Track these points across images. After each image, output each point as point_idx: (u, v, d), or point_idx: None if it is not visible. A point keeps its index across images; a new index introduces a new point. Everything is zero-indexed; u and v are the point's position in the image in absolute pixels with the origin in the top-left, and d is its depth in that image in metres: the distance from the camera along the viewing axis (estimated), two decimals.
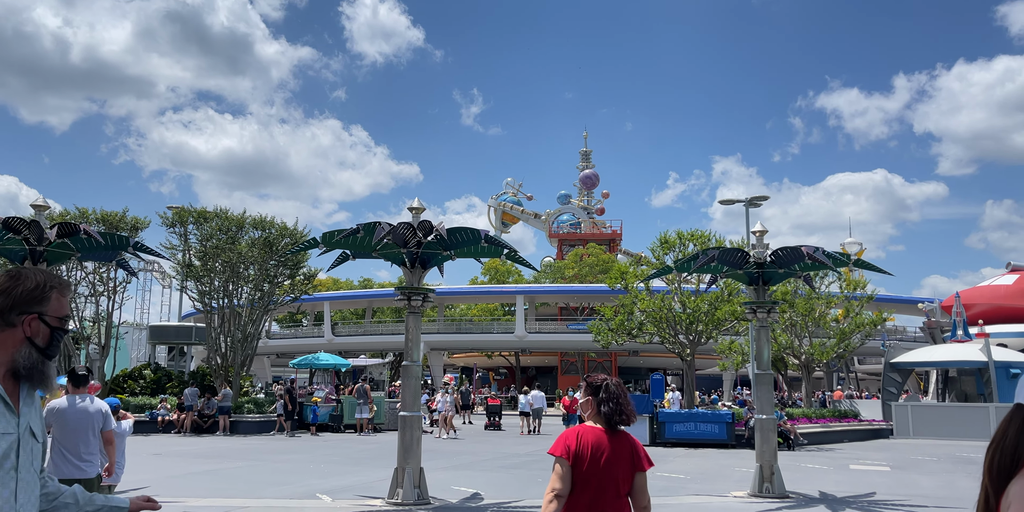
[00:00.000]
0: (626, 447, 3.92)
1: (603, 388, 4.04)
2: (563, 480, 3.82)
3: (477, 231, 10.82)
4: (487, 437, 25.40)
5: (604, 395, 4.00)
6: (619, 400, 3.99)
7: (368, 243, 11.08)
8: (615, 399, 3.98)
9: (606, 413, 3.96)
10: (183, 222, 26.67)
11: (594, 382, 4.11)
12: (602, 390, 4.03)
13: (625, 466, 3.88)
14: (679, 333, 24.22)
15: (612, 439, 3.93)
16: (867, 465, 17.67)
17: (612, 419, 3.95)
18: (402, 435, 11.23)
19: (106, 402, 6.79)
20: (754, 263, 12.46)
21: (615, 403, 3.97)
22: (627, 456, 3.90)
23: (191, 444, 20.99)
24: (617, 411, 3.96)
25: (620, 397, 4.00)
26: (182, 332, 29.54)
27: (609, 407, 3.96)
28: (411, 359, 11.36)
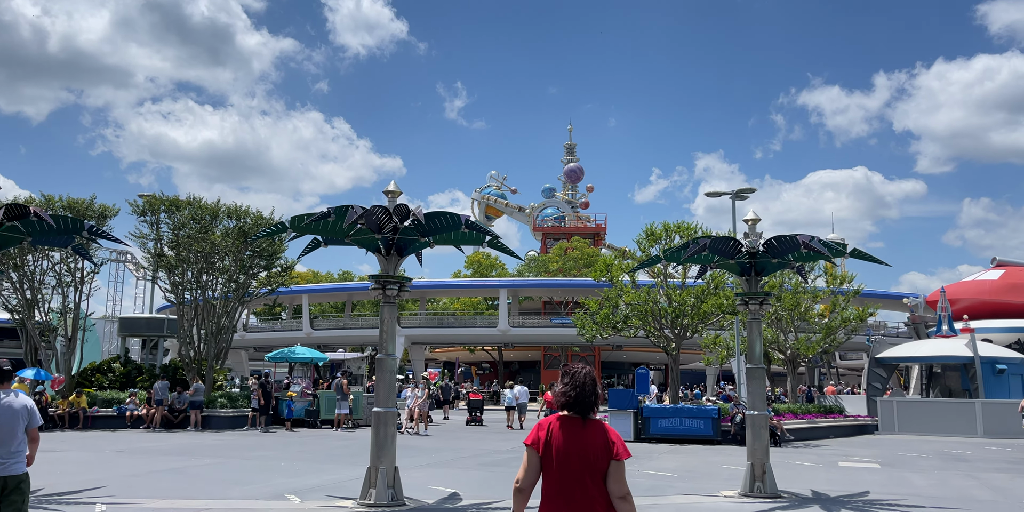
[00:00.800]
0: (599, 435, 3.84)
1: (571, 376, 3.99)
2: (527, 471, 3.82)
3: (457, 216, 10.18)
4: (468, 433, 24.81)
5: (569, 381, 3.96)
6: (584, 387, 3.91)
7: (340, 228, 10.41)
8: (579, 386, 3.92)
9: (571, 399, 3.90)
10: (154, 210, 25.79)
11: (566, 370, 4.07)
12: (568, 377, 3.99)
13: (599, 455, 3.79)
14: (664, 327, 23.71)
15: (583, 428, 3.85)
16: (856, 462, 17.25)
17: (575, 406, 3.89)
18: (375, 432, 10.59)
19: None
20: (746, 253, 11.91)
21: (579, 390, 3.91)
22: (600, 445, 3.81)
23: (159, 440, 20.23)
24: (579, 397, 3.89)
25: (584, 385, 3.92)
26: (154, 324, 28.65)
27: (571, 395, 3.90)
28: (386, 352, 10.72)
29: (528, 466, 3.82)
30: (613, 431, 3.95)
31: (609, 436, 3.88)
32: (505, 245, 11.37)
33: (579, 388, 3.94)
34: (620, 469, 3.83)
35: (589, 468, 3.78)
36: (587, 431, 3.86)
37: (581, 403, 3.91)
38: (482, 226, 10.39)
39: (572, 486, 3.77)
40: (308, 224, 10.24)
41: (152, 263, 26.49)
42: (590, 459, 3.79)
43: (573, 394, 3.92)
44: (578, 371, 4.02)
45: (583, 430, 3.86)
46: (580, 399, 3.91)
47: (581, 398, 3.91)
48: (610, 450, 3.82)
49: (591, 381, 4.00)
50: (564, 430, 3.85)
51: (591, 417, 3.93)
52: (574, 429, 3.86)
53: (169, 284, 26.86)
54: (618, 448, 3.85)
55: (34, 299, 25.86)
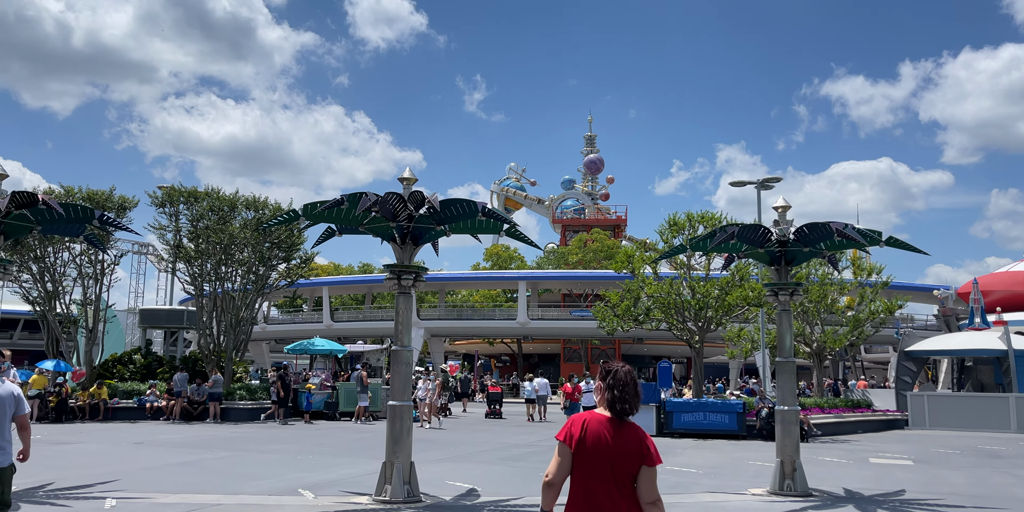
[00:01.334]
0: (634, 439, 3.77)
1: (611, 374, 3.88)
2: (559, 466, 3.74)
3: (474, 203, 9.79)
4: (487, 426, 24.51)
5: (611, 381, 3.86)
6: (624, 388, 3.83)
7: (354, 216, 10.07)
8: (620, 386, 3.83)
9: (608, 400, 3.82)
10: (173, 202, 25.66)
11: (606, 368, 3.96)
12: (609, 376, 3.88)
13: (632, 459, 3.72)
14: (687, 320, 23.22)
15: (619, 429, 3.77)
16: (888, 459, 16.71)
17: (614, 406, 3.80)
18: (391, 426, 10.27)
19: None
20: (776, 241, 11.43)
21: (619, 390, 3.82)
22: (634, 448, 3.74)
23: (177, 432, 20.10)
24: (620, 398, 3.80)
25: (627, 385, 3.84)
26: (174, 316, 28.59)
27: (612, 394, 3.82)
28: (401, 343, 10.38)
29: (560, 461, 3.75)
30: (647, 436, 3.86)
31: (644, 440, 3.79)
32: (523, 234, 10.98)
33: (621, 388, 3.84)
34: (652, 475, 3.76)
35: (620, 471, 3.71)
36: (622, 433, 3.77)
37: (623, 404, 3.81)
38: (500, 213, 10.00)
39: (600, 487, 3.70)
40: (321, 212, 9.90)
41: (171, 254, 26.38)
42: (622, 462, 3.71)
43: (616, 394, 3.82)
44: (619, 369, 3.90)
45: (618, 431, 3.77)
46: (623, 399, 3.81)
47: (624, 398, 3.81)
48: (644, 454, 3.75)
49: (632, 381, 3.89)
50: (599, 429, 3.76)
51: (626, 419, 3.83)
52: (609, 430, 3.76)
53: (188, 276, 26.76)
54: (652, 453, 3.77)
55: (55, 291, 25.87)
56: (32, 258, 25.18)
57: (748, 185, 27.59)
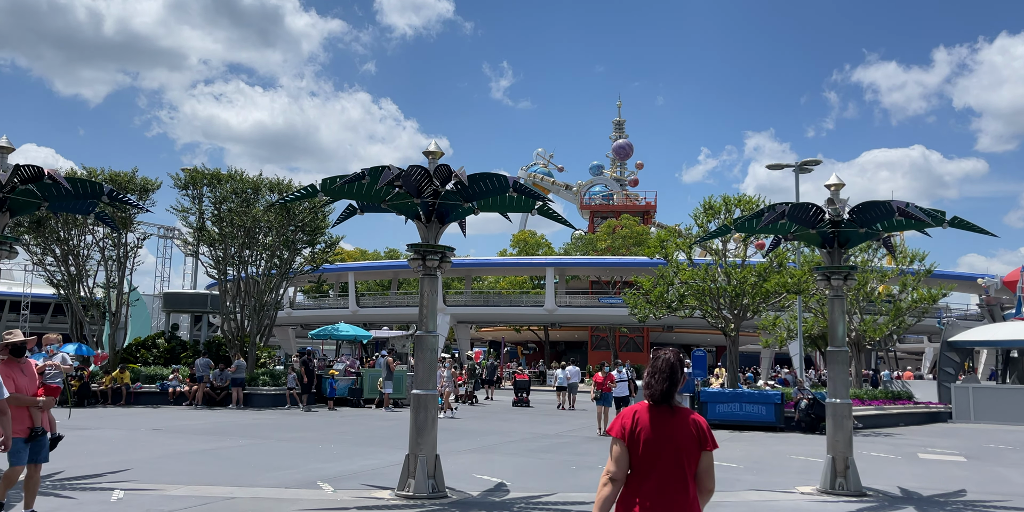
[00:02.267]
0: (689, 425, 3.70)
1: (651, 362, 3.85)
2: (617, 462, 3.69)
3: (504, 178, 9.07)
4: (515, 414, 23.89)
5: (649, 367, 3.85)
6: (656, 373, 3.77)
7: (375, 191, 9.40)
8: (653, 372, 3.79)
9: (649, 391, 3.77)
10: (196, 184, 25.22)
11: (653, 355, 3.91)
12: (650, 364, 3.85)
13: (690, 445, 3.66)
14: (723, 307, 22.34)
15: (672, 417, 3.70)
16: (938, 454, 15.81)
17: (650, 393, 3.75)
18: (415, 416, 9.63)
19: None
20: (829, 221, 10.57)
21: (650, 375, 3.79)
22: (691, 434, 3.68)
23: (198, 418, 19.72)
24: (648, 383, 3.78)
25: (659, 370, 3.77)
26: (197, 300, 28.27)
27: (650, 384, 3.78)
28: (426, 328, 9.72)
29: (617, 457, 3.70)
30: (701, 419, 3.77)
31: (700, 424, 3.72)
32: (556, 212, 10.24)
33: (652, 373, 3.79)
34: (710, 460, 3.72)
35: (680, 458, 3.64)
36: (675, 420, 3.71)
37: (649, 388, 3.77)
38: (532, 189, 9.25)
39: (663, 478, 3.63)
40: (341, 187, 9.24)
41: (194, 237, 26.01)
42: (681, 449, 3.64)
43: (651, 382, 3.77)
44: (658, 357, 3.84)
45: (671, 419, 3.71)
46: (650, 384, 3.78)
47: (650, 384, 3.77)
48: (701, 439, 3.68)
49: (668, 367, 3.78)
50: (652, 419, 3.69)
51: (677, 404, 3.77)
52: (662, 418, 3.70)
53: (211, 259, 26.38)
54: (708, 437, 3.72)
55: (79, 274, 25.63)
56: (55, 240, 24.93)
57: (786, 168, 26.58)
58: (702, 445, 3.68)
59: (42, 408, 7.20)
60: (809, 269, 21.64)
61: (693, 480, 3.67)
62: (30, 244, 25.53)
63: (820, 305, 27.59)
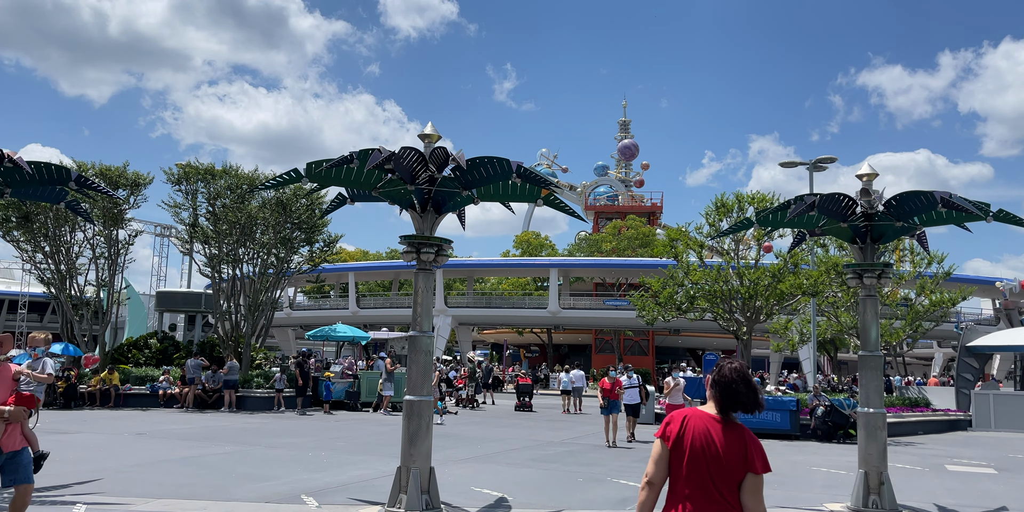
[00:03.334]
0: (738, 442, 3.44)
1: (718, 370, 3.64)
2: (656, 464, 3.54)
3: (508, 162, 8.21)
4: (517, 420, 23.00)
5: (715, 377, 3.61)
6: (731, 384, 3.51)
7: (365, 177, 8.55)
8: (724, 383, 3.54)
9: (713, 398, 3.58)
10: (189, 179, 24.41)
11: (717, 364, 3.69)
12: (716, 372, 3.64)
13: (736, 464, 3.40)
14: (735, 310, 21.45)
15: (724, 430, 3.47)
16: (966, 466, 14.90)
17: (720, 403, 3.52)
18: (407, 424, 8.76)
19: None
20: (862, 214, 9.69)
21: (723, 387, 3.53)
22: (738, 452, 3.41)
23: (186, 422, 18.87)
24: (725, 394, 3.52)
25: (732, 381, 3.52)
26: (191, 299, 27.44)
27: (716, 391, 3.56)
28: (420, 328, 8.86)
29: (657, 459, 3.54)
30: (755, 440, 3.53)
31: (749, 444, 3.46)
32: (563, 202, 9.38)
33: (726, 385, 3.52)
34: (756, 484, 3.43)
35: (721, 475, 3.41)
36: (726, 434, 3.47)
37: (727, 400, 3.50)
38: (538, 175, 8.39)
39: (698, 493, 3.43)
40: (327, 171, 8.39)
41: (187, 234, 25.19)
42: (724, 466, 3.41)
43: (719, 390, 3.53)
44: (726, 365, 3.61)
45: (724, 433, 3.48)
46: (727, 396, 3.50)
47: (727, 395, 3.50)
48: (750, 460, 3.43)
49: (740, 377, 3.51)
50: (701, 428, 3.49)
51: (733, 419, 3.54)
52: (712, 429, 3.49)
53: (206, 257, 25.56)
54: (757, 459, 3.44)
55: (69, 272, 24.83)
56: (43, 236, 24.13)
57: (800, 166, 25.71)
58: (749, 466, 3.42)
59: (8, 419, 6.35)
60: (825, 269, 20.79)
61: (736, 499, 3.42)
62: (19, 240, 24.76)
63: (834, 308, 26.72)
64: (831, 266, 20.61)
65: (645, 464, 10.59)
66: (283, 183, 8.71)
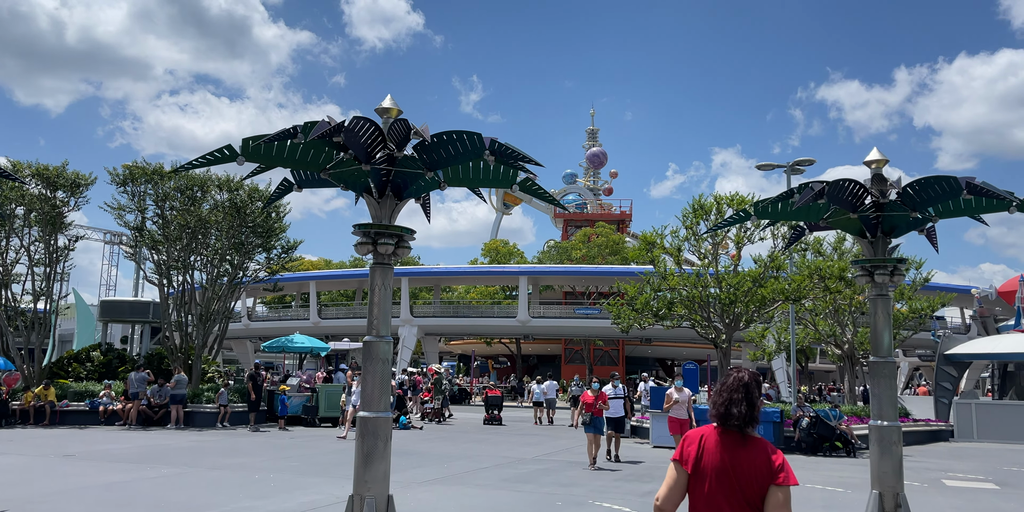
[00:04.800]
0: (761, 455, 3.27)
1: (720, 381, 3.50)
2: (671, 489, 3.33)
3: (478, 137, 7.02)
4: (486, 434, 21.73)
5: (718, 387, 3.47)
6: (728, 393, 3.36)
7: (312, 154, 7.30)
8: (724, 391, 3.38)
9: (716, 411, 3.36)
10: (135, 180, 22.85)
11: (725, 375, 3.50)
12: (719, 383, 3.49)
13: (760, 478, 3.22)
14: (713, 316, 20.48)
15: (743, 445, 3.29)
16: (964, 481, 14.00)
17: (720, 416, 3.34)
18: (360, 446, 7.41)
19: None
20: (872, 204, 8.67)
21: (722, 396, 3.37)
22: (762, 466, 3.24)
23: (126, 440, 17.31)
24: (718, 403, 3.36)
25: (732, 390, 3.37)
26: (137, 308, 25.75)
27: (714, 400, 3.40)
28: (376, 332, 7.53)
29: (674, 484, 3.32)
30: (778, 452, 3.31)
31: (772, 456, 3.27)
32: (542, 188, 8.17)
33: (724, 394, 3.36)
34: (785, 496, 3.21)
35: (746, 493, 3.21)
36: (747, 449, 3.27)
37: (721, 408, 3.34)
38: (515, 151, 7.19)
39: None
40: (266, 148, 7.13)
41: (133, 239, 23.59)
42: (750, 483, 3.21)
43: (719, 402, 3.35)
44: (732, 374, 3.43)
45: (742, 448, 3.27)
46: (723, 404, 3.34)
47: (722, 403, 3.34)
48: (773, 473, 3.22)
49: (740, 385, 3.36)
50: (720, 446, 3.29)
51: (751, 433, 3.32)
52: (732, 446, 3.28)
53: (154, 263, 23.97)
54: (783, 471, 3.23)
55: (3, 281, 23.04)
56: None
57: (778, 169, 24.98)
58: (773, 479, 3.22)
59: None
60: (808, 273, 19.95)
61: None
62: None
63: (812, 315, 25.96)
64: (814, 270, 19.78)
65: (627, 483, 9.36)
66: (213, 161, 7.39)
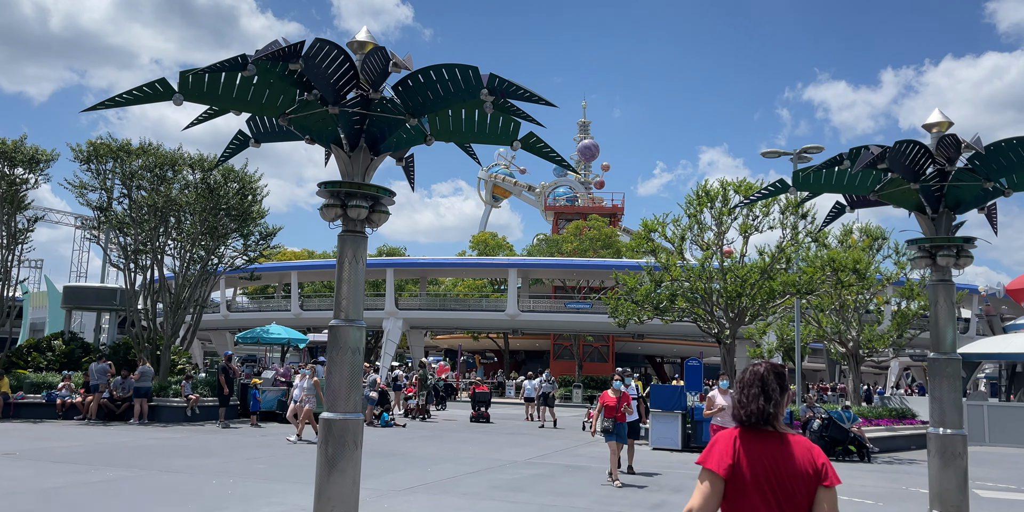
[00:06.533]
0: (804, 455, 2.93)
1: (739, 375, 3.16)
2: (707, 499, 2.90)
3: (474, 71, 5.67)
4: (473, 433, 20.38)
5: (736, 384, 3.15)
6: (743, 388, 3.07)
7: (268, 97, 5.91)
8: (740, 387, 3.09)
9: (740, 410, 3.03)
10: (100, 157, 21.29)
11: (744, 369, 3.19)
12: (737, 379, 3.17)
13: (807, 480, 2.88)
14: (717, 310, 19.18)
15: (782, 444, 2.95)
16: (997, 491, 12.79)
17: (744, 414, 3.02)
18: (323, 451, 6.03)
19: None
20: (936, 173, 7.36)
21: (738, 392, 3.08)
22: (806, 467, 2.90)
23: (79, 437, 15.83)
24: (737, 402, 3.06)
25: (747, 385, 3.06)
26: (103, 295, 24.15)
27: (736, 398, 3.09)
28: (345, 315, 6.12)
29: (709, 494, 2.90)
30: (817, 448, 3.00)
31: (816, 455, 2.94)
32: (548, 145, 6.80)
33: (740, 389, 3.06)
34: (834, 498, 2.90)
35: (793, 498, 2.85)
36: (787, 448, 2.92)
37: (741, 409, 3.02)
38: (523, 89, 5.79)
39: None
40: (209, 82, 5.74)
41: (96, 220, 22.04)
42: (795, 486, 2.86)
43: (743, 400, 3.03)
44: (745, 370, 3.12)
45: (781, 447, 2.93)
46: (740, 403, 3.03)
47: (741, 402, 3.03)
48: (820, 474, 2.90)
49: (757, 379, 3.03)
50: (758, 448, 2.92)
51: (786, 430, 3.01)
52: (770, 446, 2.93)
53: (118, 247, 22.44)
54: (829, 470, 2.92)
55: None
56: None
57: (785, 156, 23.74)
58: (819, 479, 2.88)
59: None
60: (820, 265, 18.69)
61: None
62: None
63: (816, 311, 24.75)
64: (826, 262, 18.52)
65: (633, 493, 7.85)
66: (143, 98, 5.90)
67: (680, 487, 11.85)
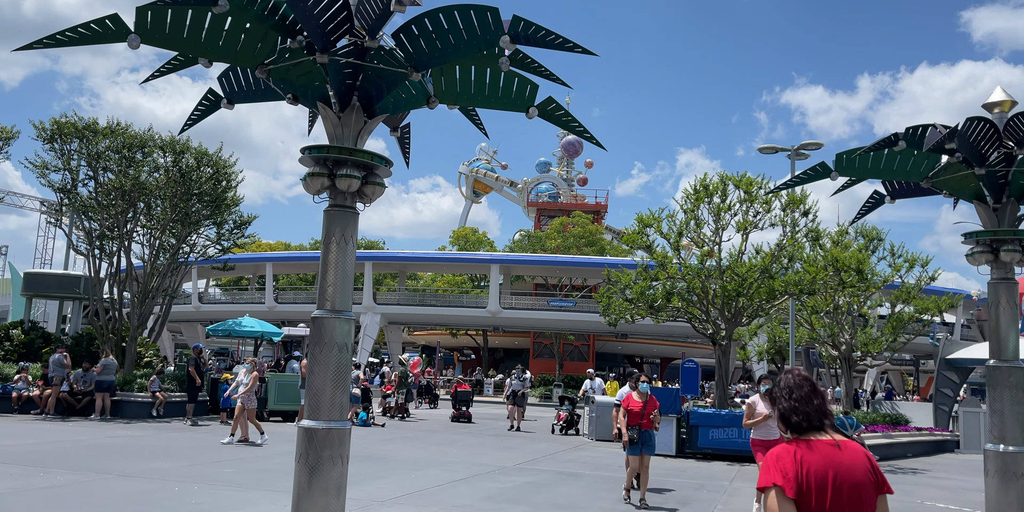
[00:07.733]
0: (862, 461, 2.79)
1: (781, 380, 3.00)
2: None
3: (493, 13, 4.72)
4: (456, 434, 19.41)
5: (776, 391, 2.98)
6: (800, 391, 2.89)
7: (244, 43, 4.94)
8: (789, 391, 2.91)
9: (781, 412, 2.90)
10: (64, 136, 20.04)
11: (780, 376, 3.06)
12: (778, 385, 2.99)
13: (868, 488, 2.75)
14: (713, 310, 18.37)
15: (840, 451, 2.79)
16: None
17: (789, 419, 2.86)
18: (303, 465, 5.07)
19: None
20: (1002, 157, 6.55)
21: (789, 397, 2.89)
22: (869, 475, 2.77)
23: (31, 434, 14.66)
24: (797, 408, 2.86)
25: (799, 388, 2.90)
26: (66, 282, 22.84)
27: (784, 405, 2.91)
28: (331, 306, 5.17)
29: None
30: (870, 454, 2.88)
31: (871, 460, 2.84)
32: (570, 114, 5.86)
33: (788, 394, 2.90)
34: (887, 507, 2.80)
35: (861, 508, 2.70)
36: (846, 455, 2.78)
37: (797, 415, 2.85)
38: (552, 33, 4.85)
39: None
40: (171, 21, 4.76)
41: (59, 202, 20.80)
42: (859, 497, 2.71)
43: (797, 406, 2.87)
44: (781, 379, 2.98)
45: (840, 454, 2.77)
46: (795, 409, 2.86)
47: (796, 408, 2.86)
48: (879, 481, 2.79)
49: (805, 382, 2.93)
50: (819, 460, 2.74)
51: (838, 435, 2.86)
52: (830, 455, 2.76)
53: (83, 232, 21.21)
54: (885, 478, 2.82)
55: None
56: None
57: (782, 152, 23.09)
58: (879, 487, 2.78)
59: None
60: (824, 264, 17.94)
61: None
62: None
63: (808, 313, 24.07)
64: (829, 262, 17.78)
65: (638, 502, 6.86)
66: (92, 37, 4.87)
67: (687, 499, 11.01)
